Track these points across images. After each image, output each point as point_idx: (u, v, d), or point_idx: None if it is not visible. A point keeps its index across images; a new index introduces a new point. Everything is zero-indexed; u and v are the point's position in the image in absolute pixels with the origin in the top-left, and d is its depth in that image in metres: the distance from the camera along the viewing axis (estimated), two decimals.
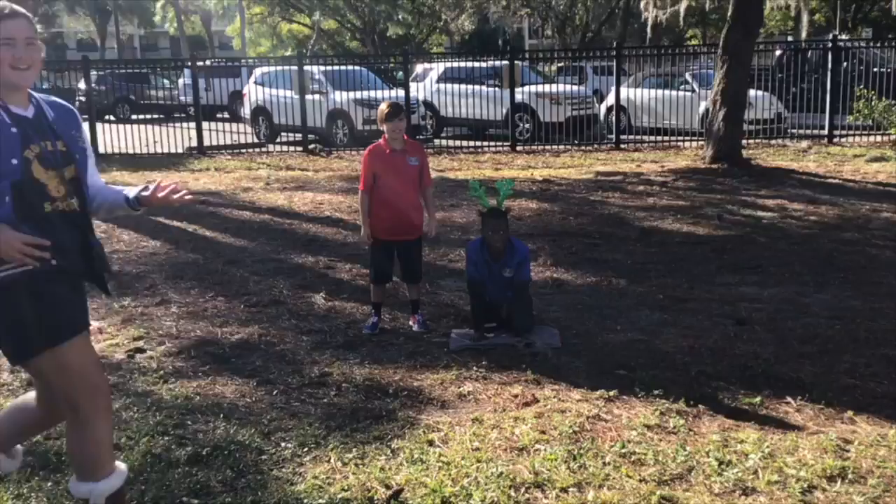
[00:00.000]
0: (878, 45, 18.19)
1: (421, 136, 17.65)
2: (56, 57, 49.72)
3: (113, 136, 16.46)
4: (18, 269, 2.74)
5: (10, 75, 2.78)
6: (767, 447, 3.73)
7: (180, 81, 23.82)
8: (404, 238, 5.62)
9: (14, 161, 2.74)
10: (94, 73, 18.28)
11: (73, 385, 2.87)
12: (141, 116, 21.18)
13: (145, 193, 3.11)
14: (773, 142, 15.70)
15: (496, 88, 17.47)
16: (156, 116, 21.56)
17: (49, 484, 3.53)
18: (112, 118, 20.02)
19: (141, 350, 5.31)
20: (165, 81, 24.70)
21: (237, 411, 4.29)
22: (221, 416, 4.21)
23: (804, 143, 15.19)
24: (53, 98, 3.08)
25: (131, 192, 3.15)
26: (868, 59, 16.46)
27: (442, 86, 18.20)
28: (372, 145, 5.67)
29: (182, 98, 23.10)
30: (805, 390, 4.38)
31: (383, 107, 5.52)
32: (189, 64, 18.44)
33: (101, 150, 16.24)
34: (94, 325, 5.76)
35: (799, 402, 4.25)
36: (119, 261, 7.80)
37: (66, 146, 2.92)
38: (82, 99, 19.26)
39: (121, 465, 3.11)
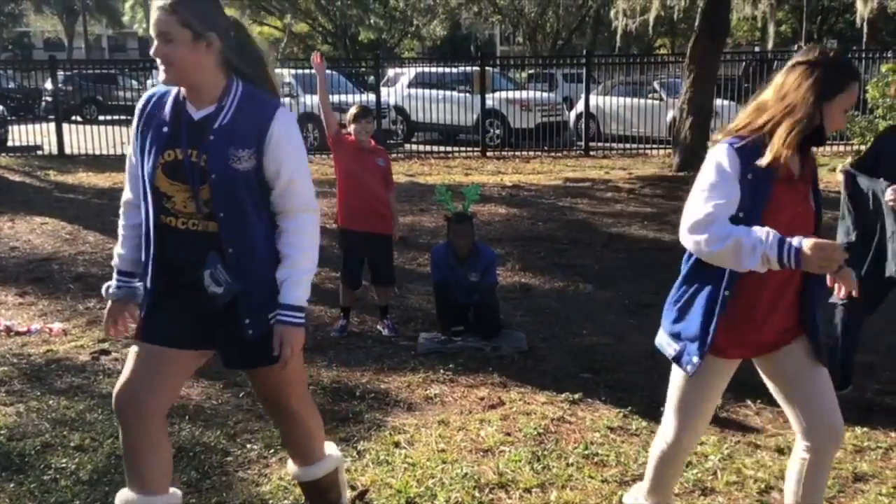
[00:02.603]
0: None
1: (391, 141, 17.65)
2: (22, 56, 49.09)
3: (79, 137, 16.29)
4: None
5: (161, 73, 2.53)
6: (727, 449, 3.81)
7: (149, 82, 23.58)
8: (372, 230, 5.56)
9: (151, 165, 2.57)
10: (61, 72, 18.07)
11: None
12: (108, 117, 20.95)
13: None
14: None
15: (467, 94, 17.54)
16: (123, 117, 21.35)
17: (11, 485, 3.50)
18: (79, 119, 19.78)
19: (106, 352, 5.28)
20: (134, 82, 24.45)
21: (203, 413, 4.28)
22: (187, 417, 4.20)
23: None
24: (262, 101, 2.58)
25: (285, 295, 2.76)
26: None
27: (413, 90, 18.20)
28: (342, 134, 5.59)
29: None
30: (765, 394, 4.42)
31: (353, 108, 5.57)
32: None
33: (67, 150, 16.09)
34: (58, 326, 5.74)
35: (758, 405, 4.34)
36: (85, 262, 7.73)
37: (206, 163, 2.51)
38: (49, 99, 19.03)
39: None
